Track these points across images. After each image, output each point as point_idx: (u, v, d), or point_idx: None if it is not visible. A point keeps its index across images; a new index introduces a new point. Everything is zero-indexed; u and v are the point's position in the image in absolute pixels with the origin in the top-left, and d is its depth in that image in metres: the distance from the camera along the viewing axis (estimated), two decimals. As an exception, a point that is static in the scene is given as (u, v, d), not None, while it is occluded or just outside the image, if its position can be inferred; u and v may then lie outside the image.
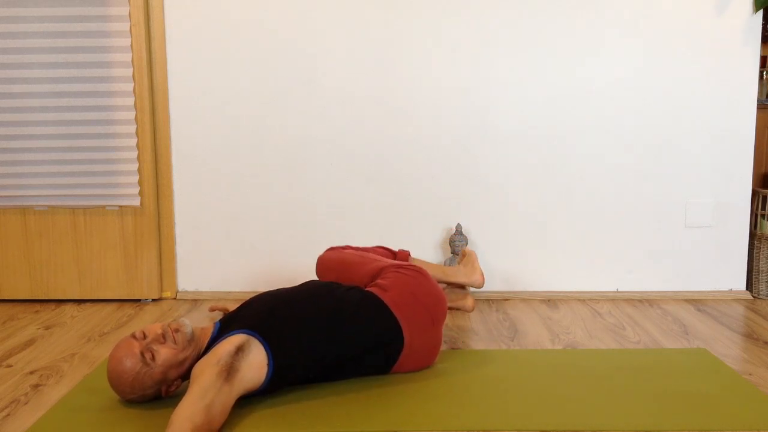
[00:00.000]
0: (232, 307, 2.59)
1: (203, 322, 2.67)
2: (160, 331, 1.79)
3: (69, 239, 2.95)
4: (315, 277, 3.01)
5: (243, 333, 1.80)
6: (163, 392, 1.83)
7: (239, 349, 1.74)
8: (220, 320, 1.95)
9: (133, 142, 2.89)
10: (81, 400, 1.90)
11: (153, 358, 1.76)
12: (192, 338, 1.83)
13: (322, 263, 2.38)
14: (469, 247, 2.79)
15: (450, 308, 2.55)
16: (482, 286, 2.55)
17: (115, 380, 1.78)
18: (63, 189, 2.91)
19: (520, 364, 2.15)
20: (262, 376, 1.79)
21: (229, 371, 1.69)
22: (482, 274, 2.51)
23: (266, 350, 1.79)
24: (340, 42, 2.88)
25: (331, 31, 2.88)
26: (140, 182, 2.92)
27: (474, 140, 2.93)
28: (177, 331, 1.81)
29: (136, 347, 1.76)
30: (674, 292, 3.00)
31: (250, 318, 1.86)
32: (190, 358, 1.83)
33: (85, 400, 1.90)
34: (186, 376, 1.85)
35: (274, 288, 3.01)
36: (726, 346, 2.35)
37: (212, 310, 2.65)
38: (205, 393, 1.61)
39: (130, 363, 1.76)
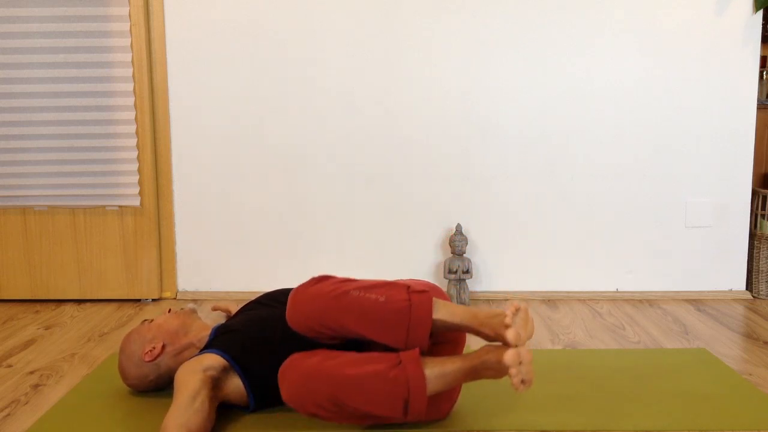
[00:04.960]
0: (235, 308, 2.58)
1: (205, 321, 2.67)
2: (169, 309, 2.00)
3: (69, 239, 2.95)
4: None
5: (227, 360, 1.76)
6: (143, 352, 1.86)
7: (224, 369, 1.74)
8: (217, 327, 1.94)
9: (133, 142, 2.89)
10: (81, 400, 1.91)
11: (150, 322, 1.94)
12: (191, 314, 1.99)
13: (302, 316, 1.64)
14: (514, 317, 1.57)
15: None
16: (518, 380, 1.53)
17: (120, 349, 1.93)
18: (63, 189, 2.91)
19: (520, 364, 2.15)
20: (244, 401, 1.79)
21: (215, 384, 1.69)
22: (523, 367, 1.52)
23: (246, 386, 1.76)
24: (339, 42, 2.88)
25: (330, 31, 2.88)
26: (140, 182, 2.92)
27: (474, 140, 2.93)
28: (182, 309, 2.00)
29: None
30: (674, 292, 3.00)
31: (237, 345, 1.78)
32: (180, 333, 1.91)
33: (85, 401, 1.90)
34: (171, 356, 1.87)
35: (273, 288, 3.02)
36: (726, 346, 2.34)
37: (215, 309, 2.64)
38: (195, 398, 1.62)
39: (133, 327, 2.00)
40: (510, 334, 1.52)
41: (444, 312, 1.62)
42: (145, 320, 1.96)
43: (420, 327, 1.59)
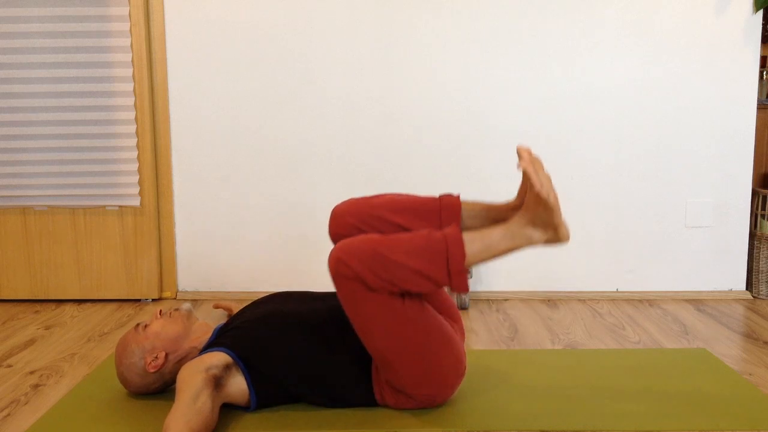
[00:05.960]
0: (237, 307, 2.58)
1: (207, 321, 2.67)
2: (159, 310, 1.94)
3: (69, 239, 2.95)
4: (316, 276, 3.01)
5: (231, 356, 1.77)
6: (146, 363, 1.83)
7: (227, 367, 1.74)
8: (219, 326, 1.94)
9: (133, 142, 2.89)
10: (81, 401, 1.90)
11: (144, 327, 1.88)
12: (188, 317, 1.93)
13: (341, 223, 1.78)
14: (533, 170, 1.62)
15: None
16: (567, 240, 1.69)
17: (114, 355, 1.91)
18: (63, 189, 2.91)
19: (520, 364, 2.15)
20: (246, 400, 1.79)
21: (217, 383, 1.68)
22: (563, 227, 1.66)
23: (248, 385, 1.77)
24: (340, 42, 2.88)
25: (330, 32, 2.88)
26: (140, 182, 2.92)
27: (474, 141, 2.93)
28: (176, 309, 1.94)
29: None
30: (674, 292, 3.00)
31: (242, 341, 1.79)
32: (181, 339, 1.87)
33: (85, 401, 1.90)
34: (174, 363, 1.86)
35: (274, 291, 3.02)
36: (726, 346, 2.35)
37: (216, 307, 2.64)
38: (197, 397, 1.61)
39: (125, 333, 1.92)
40: (521, 149, 1.63)
41: (468, 201, 1.81)
42: (139, 324, 1.89)
43: (450, 209, 1.76)
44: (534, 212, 1.64)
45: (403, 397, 1.79)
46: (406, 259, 1.60)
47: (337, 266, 1.62)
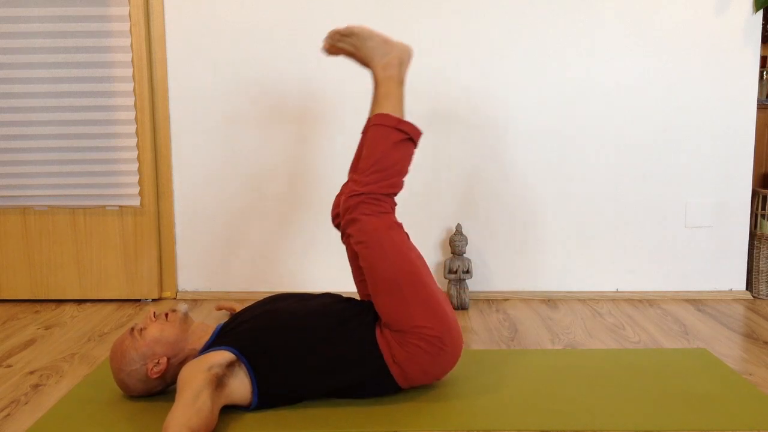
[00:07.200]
0: (239, 308, 2.58)
1: (207, 321, 2.67)
2: (153, 312, 1.89)
3: (69, 239, 2.95)
4: (315, 276, 3.01)
5: (235, 354, 1.77)
6: (148, 369, 1.82)
7: (230, 365, 1.74)
8: (221, 324, 1.94)
9: (133, 142, 2.89)
10: (81, 401, 1.91)
11: (141, 332, 1.84)
12: (185, 319, 1.90)
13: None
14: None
15: None
16: (409, 55, 2.03)
17: (110, 361, 1.87)
18: (63, 189, 2.91)
19: (520, 364, 2.15)
20: (247, 400, 1.79)
21: (218, 383, 1.68)
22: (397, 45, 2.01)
23: (252, 382, 1.77)
24: (340, 42, 2.88)
25: (330, 29, 2.87)
26: (140, 182, 2.92)
27: (474, 140, 2.93)
28: (173, 311, 1.90)
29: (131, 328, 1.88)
30: (674, 292, 3.00)
31: (245, 338, 1.80)
32: (181, 342, 1.85)
33: (85, 401, 1.90)
34: (176, 366, 1.85)
35: (274, 291, 3.02)
36: (726, 346, 2.35)
37: (219, 309, 2.64)
38: (197, 397, 1.61)
39: (120, 338, 1.87)
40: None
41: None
42: (134, 329, 1.85)
43: (370, 118, 2.07)
44: (364, 50, 1.99)
45: (412, 346, 1.80)
46: (379, 154, 1.90)
47: (348, 201, 1.87)
